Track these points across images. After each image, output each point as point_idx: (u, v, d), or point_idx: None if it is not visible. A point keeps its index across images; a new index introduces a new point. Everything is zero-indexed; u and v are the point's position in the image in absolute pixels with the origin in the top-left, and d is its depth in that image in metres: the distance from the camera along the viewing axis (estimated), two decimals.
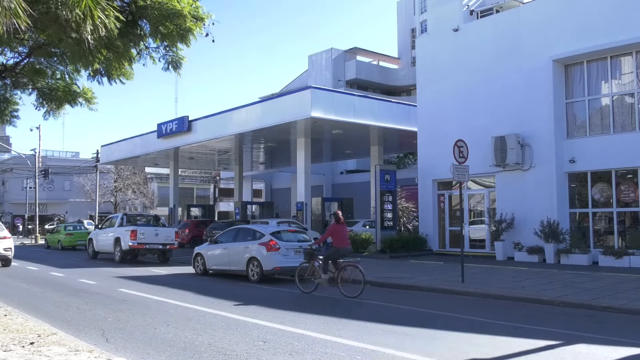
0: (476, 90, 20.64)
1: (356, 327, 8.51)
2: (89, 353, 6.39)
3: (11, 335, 7.29)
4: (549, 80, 18.59)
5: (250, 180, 43.68)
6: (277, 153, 33.23)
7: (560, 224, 17.81)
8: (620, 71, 18.00)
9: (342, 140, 27.65)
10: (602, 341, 7.55)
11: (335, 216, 12.26)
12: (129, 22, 8.05)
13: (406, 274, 15.21)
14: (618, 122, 17.83)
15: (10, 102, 11.50)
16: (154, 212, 46.34)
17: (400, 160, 38.07)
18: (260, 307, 10.45)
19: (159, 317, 9.33)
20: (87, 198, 52.67)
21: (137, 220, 22.74)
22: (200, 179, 59.15)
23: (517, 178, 19.30)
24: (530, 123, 18.93)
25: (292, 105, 22.97)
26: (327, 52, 43.88)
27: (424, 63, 23.20)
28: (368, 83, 43.26)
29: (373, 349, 7.02)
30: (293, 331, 8.11)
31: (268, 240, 14.54)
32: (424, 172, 22.33)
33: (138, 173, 53.15)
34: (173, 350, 6.95)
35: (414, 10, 44.73)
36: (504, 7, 22.23)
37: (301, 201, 24.87)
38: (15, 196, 56.84)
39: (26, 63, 10.19)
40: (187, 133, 28.38)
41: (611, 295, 10.97)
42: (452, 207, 21.97)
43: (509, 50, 19.81)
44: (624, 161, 17.23)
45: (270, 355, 6.72)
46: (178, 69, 9.08)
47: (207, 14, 8.60)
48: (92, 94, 10.89)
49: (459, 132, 18.59)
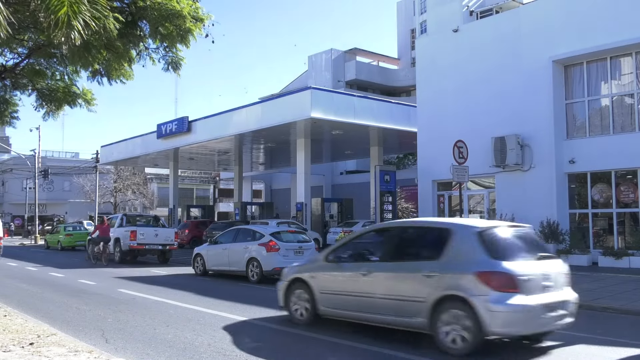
0: (476, 90, 20.64)
1: (356, 327, 8.49)
2: (88, 354, 6.38)
3: (11, 336, 7.29)
4: (549, 80, 18.59)
5: (250, 181, 43.69)
6: (277, 153, 33.23)
7: (560, 224, 17.80)
8: (620, 72, 18.00)
9: (342, 140, 27.65)
10: (602, 342, 7.55)
11: (101, 219, 17.63)
12: (128, 22, 8.05)
13: None
14: (618, 123, 17.83)
15: (10, 103, 11.50)
16: (154, 212, 46.28)
17: (400, 160, 38.08)
18: (259, 307, 10.44)
19: (159, 317, 9.32)
20: (86, 198, 52.65)
21: (137, 221, 22.74)
22: (200, 179, 59.17)
23: (516, 179, 19.29)
24: (530, 124, 18.92)
25: (291, 105, 22.98)
26: (327, 52, 43.93)
27: (423, 63, 23.19)
28: (368, 84, 43.30)
29: (374, 349, 6.99)
30: (293, 331, 8.10)
31: (268, 240, 14.55)
32: (423, 173, 22.32)
33: (138, 173, 53.14)
34: (173, 351, 6.95)
35: (414, 10, 44.79)
36: (503, 7, 22.25)
37: (301, 202, 24.87)
38: (15, 197, 56.82)
39: (26, 64, 10.19)
40: (186, 133, 28.39)
41: (611, 296, 10.97)
42: (451, 208, 21.96)
43: (508, 50, 19.81)
44: (624, 162, 17.22)
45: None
46: (178, 70, 9.09)
47: (207, 14, 8.61)
48: (92, 95, 10.90)
49: (458, 132, 18.59)
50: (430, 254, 7.29)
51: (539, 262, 7.01)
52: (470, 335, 6.46)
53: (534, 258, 7.06)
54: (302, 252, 14.71)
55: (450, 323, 6.64)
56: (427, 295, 6.86)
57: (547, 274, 6.87)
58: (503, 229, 7.40)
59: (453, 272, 6.80)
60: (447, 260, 6.96)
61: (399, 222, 10.22)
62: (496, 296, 6.40)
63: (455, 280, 6.73)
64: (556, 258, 7.56)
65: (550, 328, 6.96)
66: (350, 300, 7.82)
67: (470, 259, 6.78)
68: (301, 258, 14.51)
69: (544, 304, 6.62)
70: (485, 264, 6.62)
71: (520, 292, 6.45)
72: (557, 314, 6.80)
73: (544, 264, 7.01)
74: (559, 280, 7.04)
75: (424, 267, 7.08)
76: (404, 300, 7.15)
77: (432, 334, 6.81)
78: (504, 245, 6.98)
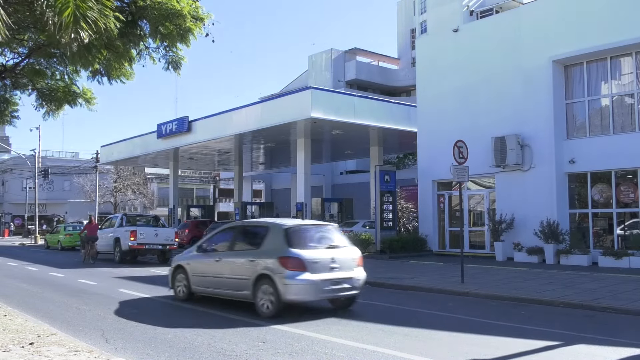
0: (476, 90, 20.64)
1: (356, 327, 8.51)
2: (88, 353, 6.38)
3: (11, 336, 7.29)
4: (549, 80, 18.59)
5: (250, 181, 43.67)
6: (277, 153, 33.22)
7: (560, 224, 17.81)
8: (620, 72, 18.00)
9: (342, 140, 27.65)
10: (602, 342, 7.54)
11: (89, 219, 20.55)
12: (128, 22, 8.05)
13: (406, 275, 15.20)
14: (618, 123, 17.83)
15: (10, 103, 11.49)
16: (154, 212, 46.29)
17: (400, 160, 38.07)
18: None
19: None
20: (86, 198, 52.65)
21: (137, 221, 22.73)
22: (200, 179, 59.15)
23: (516, 178, 19.30)
24: (530, 123, 18.93)
25: (292, 105, 22.97)
26: (327, 52, 43.91)
27: (423, 63, 23.20)
28: (368, 83, 43.27)
29: (373, 350, 7.02)
30: (293, 332, 8.10)
31: None
32: (423, 173, 22.33)
33: (138, 173, 53.14)
34: (173, 351, 6.95)
35: (414, 10, 44.78)
36: (503, 7, 22.24)
37: (301, 201, 24.86)
38: (15, 196, 56.82)
39: (26, 64, 10.19)
40: (186, 133, 28.38)
41: (611, 296, 10.97)
42: (451, 208, 21.97)
43: (508, 50, 19.81)
44: (624, 162, 17.23)
45: (270, 356, 6.71)
46: (178, 69, 9.09)
47: (207, 14, 8.60)
48: (92, 94, 10.89)
49: (458, 132, 18.60)
50: (255, 245, 9.88)
51: (327, 251, 9.56)
52: (274, 302, 9.01)
53: (324, 247, 9.65)
54: None
55: (263, 294, 9.19)
56: (251, 274, 9.40)
57: (334, 259, 9.40)
58: (305, 227, 10.06)
59: (266, 257, 9.33)
60: (263, 249, 9.55)
61: (241, 222, 13.06)
62: (289, 274, 8.91)
63: (266, 264, 9.24)
64: (348, 247, 9.97)
65: (334, 296, 9.60)
66: (210, 281, 10.40)
67: (277, 249, 9.26)
68: None
69: (328, 279, 9.17)
70: (285, 252, 9.14)
71: (308, 271, 9.00)
72: (341, 287, 9.39)
73: (332, 252, 9.55)
74: (346, 263, 9.61)
75: (250, 254, 9.74)
76: (238, 279, 9.67)
77: (254, 302, 9.35)
78: (300, 239, 9.53)
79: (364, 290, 10.39)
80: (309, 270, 8.99)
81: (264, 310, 9.12)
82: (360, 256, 10.02)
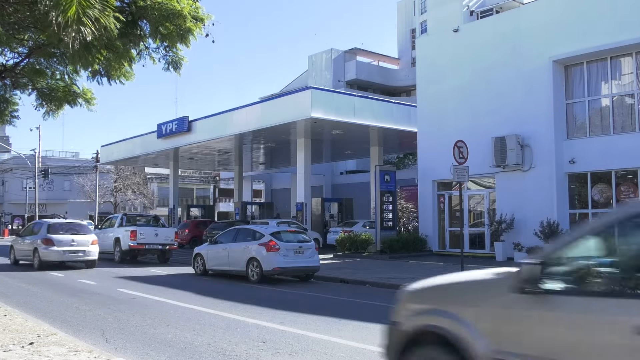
0: (476, 90, 20.65)
1: (356, 327, 8.52)
2: (88, 353, 6.39)
3: (11, 336, 7.29)
4: (549, 80, 18.59)
5: (250, 181, 43.68)
6: (277, 153, 33.23)
7: (560, 224, 17.80)
8: (620, 72, 18.00)
9: (342, 140, 27.66)
10: None
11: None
12: (128, 22, 8.04)
13: (406, 275, 15.19)
14: (618, 123, 17.83)
15: (10, 103, 11.49)
16: (154, 212, 46.33)
17: (400, 160, 38.10)
18: (259, 307, 10.46)
19: (159, 317, 9.33)
20: (86, 198, 52.71)
21: (137, 221, 22.71)
22: (200, 179, 59.17)
23: (517, 179, 19.30)
24: (530, 124, 18.93)
25: (292, 105, 22.98)
26: (327, 52, 43.92)
27: (424, 63, 23.20)
28: (368, 83, 43.29)
29: (373, 350, 7.02)
30: (293, 331, 8.11)
31: (268, 240, 14.54)
32: (423, 173, 22.33)
33: (138, 173, 53.18)
34: (173, 351, 6.95)
35: (414, 10, 44.83)
36: (504, 7, 22.25)
37: (301, 201, 24.88)
38: (15, 196, 56.86)
39: (26, 63, 10.18)
40: (187, 133, 28.40)
41: None
42: (452, 208, 21.97)
43: (509, 50, 19.82)
44: (624, 162, 17.23)
45: (270, 356, 6.72)
46: (178, 70, 9.07)
47: (207, 14, 8.59)
48: (92, 94, 10.87)
49: (458, 132, 18.61)
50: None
51: (73, 236, 17.88)
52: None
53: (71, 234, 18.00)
54: (302, 251, 14.72)
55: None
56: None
57: (75, 240, 17.67)
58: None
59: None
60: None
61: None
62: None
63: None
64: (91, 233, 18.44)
65: (70, 259, 17.67)
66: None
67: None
68: (301, 257, 14.58)
69: (67, 250, 17.45)
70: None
71: (55, 246, 17.41)
72: (76, 255, 17.66)
73: (75, 236, 17.84)
74: (83, 242, 17.88)
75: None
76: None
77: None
78: (57, 228, 18.32)
79: (366, 290, 10.34)
80: (57, 245, 17.36)
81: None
82: (96, 239, 18.57)
